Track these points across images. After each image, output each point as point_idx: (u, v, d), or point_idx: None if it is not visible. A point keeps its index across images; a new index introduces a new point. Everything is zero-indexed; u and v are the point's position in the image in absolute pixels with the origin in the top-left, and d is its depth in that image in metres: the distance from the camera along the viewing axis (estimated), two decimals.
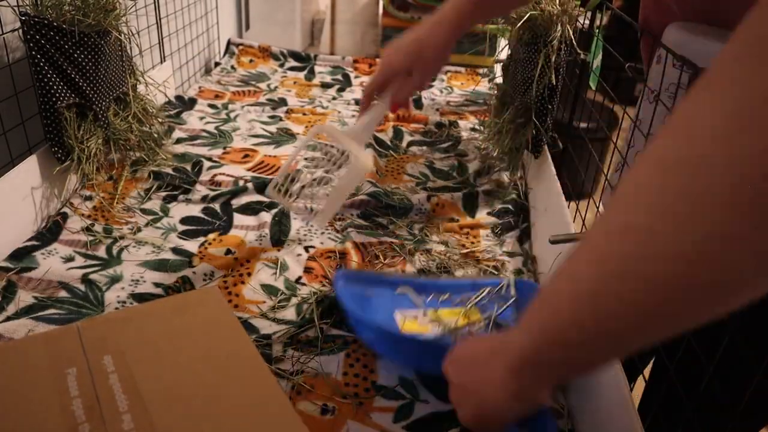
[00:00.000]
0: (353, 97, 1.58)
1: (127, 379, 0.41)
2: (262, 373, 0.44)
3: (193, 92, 1.52)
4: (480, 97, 1.66)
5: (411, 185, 1.13)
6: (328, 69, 1.78)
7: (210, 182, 1.08)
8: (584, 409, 0.65)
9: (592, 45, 1.12)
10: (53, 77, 0.91)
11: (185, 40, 1.54)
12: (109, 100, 1.03)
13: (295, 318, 0.78)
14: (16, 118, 0.94)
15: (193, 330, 0.47)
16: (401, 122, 1.42)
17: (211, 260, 0.88)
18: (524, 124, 1.13)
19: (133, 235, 0.92)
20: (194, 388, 0.42)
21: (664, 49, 0.71)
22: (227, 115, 1.39)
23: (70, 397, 0.39)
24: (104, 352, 0.43)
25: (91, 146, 0.99)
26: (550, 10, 1.01)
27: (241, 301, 0.80)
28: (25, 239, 0.89)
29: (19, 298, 0.77)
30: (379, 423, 0.64)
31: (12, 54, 0.92)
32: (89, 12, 0.94)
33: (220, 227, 0.96)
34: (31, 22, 0.86)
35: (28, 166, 0.90)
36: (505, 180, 1.17)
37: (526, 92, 1.10)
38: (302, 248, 0.92)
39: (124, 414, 0.38)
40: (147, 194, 1.03)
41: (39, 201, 0.93)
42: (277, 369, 0.69)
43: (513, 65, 1.16)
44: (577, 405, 0.66)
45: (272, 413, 0.41)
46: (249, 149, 1.22)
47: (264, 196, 1.04)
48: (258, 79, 1.65)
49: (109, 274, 0.83)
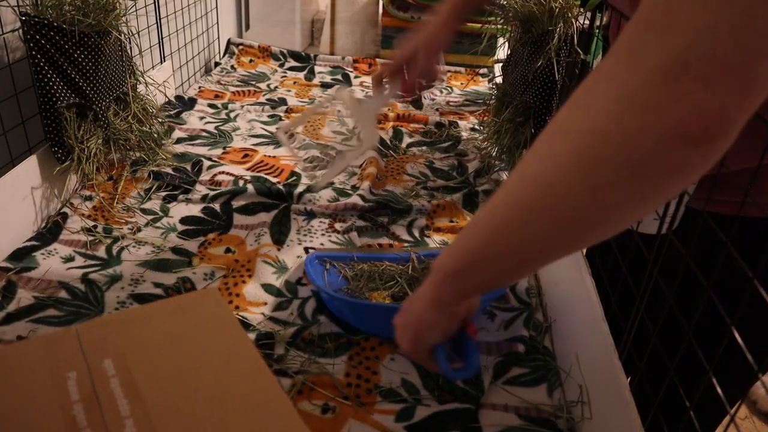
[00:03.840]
0: None
1: (128, 383, 0.41)
2: (262, 374, 0.44)
3: (193, 92, 1.52)
4: (480, 97, 1.66)
5: (411, 185, 1.13)
6: (328, 69, 1.78)
7: (210, 182, 1.08)
8: (584, 408, 0.65)
9: (592, 45, 1.12)
10: (53, 77, 0.91)
11: (185, 40, 1.54)
12: (109, 100, 1.03)
13: (296, 318, 0.78)
14: (16, 118, 0.94)
15: (193, 332, 0.47)
16: (401, 122, 1.42)
17: (211, 260, 0.88)
18: (523, 123, 1.13)
19: (133, 235, 0.92)
20: (195, 390, 0.41)
21: None
22: (227, 115, 1.39)
23: (70, 401, 0.39)
24: (104, 356, 0.43)
25: (91, 146, 0.99)
26: (551, 7, 1.01)
27: (241, 301, 0.80)
28: (25, 239, 0.89)
29: (19, 298, 0.77)
30: (381, 423, 0.64)
31: (12, 54, 0.92)
32: (89, 12, 0.93)
33: (219, 227, 0.96)
34: (32, 22, 0.86)
35: (28, 166, 0.90)
36: (505, 179, 1.17)
37: (525, 91, 1.10)
38: (302, 249, 0.92)
39: (126, 419, 0.38)
40: (147, 194, 1.03)
41: (39, 201, 0.93)
42: (278, 369, 0.69)
43: (512, 64, 1.16)
44: (577, 405, 0.66)
45: (273, 414, 0.41)
46: (249, 149, 1.22)
47: (268, 200, 1.03)
48: (258, 79, 1.65)
49: (109, 274, 0.83)
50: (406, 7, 1.95)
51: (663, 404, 0.62)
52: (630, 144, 0.34)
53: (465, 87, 1.74)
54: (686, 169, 0.34)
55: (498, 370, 0.72)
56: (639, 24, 0.34)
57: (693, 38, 0.31)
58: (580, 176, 0.37)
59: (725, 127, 0.32)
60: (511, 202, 0.42)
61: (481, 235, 0.45)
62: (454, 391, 0.68)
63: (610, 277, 0.81)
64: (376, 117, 0.84)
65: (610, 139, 0.35)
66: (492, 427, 0.65)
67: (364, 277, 0.83)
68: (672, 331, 0.64)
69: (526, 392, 0.70)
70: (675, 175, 0.35)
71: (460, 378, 0.68)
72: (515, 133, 1.15)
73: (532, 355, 0.74)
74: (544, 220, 0.40)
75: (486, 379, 0.70)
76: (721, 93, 0.31)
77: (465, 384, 0.69)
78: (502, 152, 1.19)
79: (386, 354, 0.73)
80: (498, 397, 0.69)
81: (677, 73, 0.31)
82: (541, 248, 0.42)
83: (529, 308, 0.82)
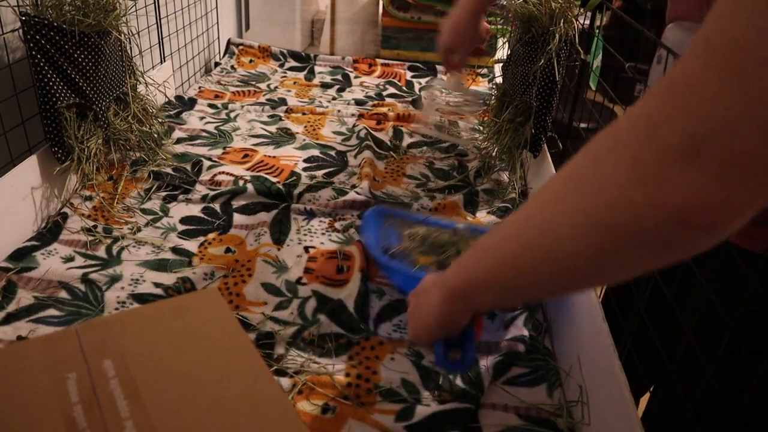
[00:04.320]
0: (353, 97, 1.58)
1: (128, 384, 0.41)
2: (262, 374, 0.44)
3: (193, 92, 1.52)
4: (480, 97, 1.65)
5: (411, 187, 1.13)
6: (328, 69, 1.78)
7: (210, 182, 1.08)
8: (584, 409, 0.65)
9: (592, 45, 1.12)
10: (53, 77, 0.91)
11: (185, 40, 1.54)
12: (109, 100, 1.03)
13: (296, 318, 0.78)
14: (16, 118, 0.94)
15: (193, 332, 0.47)
16: (401, 122, 1.42)
17: (211, 260, 0.88)
18: (523, 123, 1.13)
19: (133, 235, 0.92)
20: (195, 391, 0.41)
21: (664, 49, 0.71)
22: (227, 115, 1.39)
23: (70, 402, 0.39)
24: (104, 357, 0.43)
25: (91, 146, 0.99)
26: (551, 7, 1.01)
27: (241, 301, 0.80)
28: (25, 239, 0.89)
29: (19, 298, 0.77)
30: (381, 423, 0.64)
31: (12, 54, 0.92)
32: (89, 12, 0.93)
33: (219, 227, 0.96)
34: (32, 23, 0.86)
35: (28, 166, 0.90)
36: (505, 179, 1.17)
37: (525, 91, 1.10)
38: (302, 248, 0.92)
39: (126, 420, 0.38)
40: (147, 194, 1.03)
41: (39, 201, 0.93)
42: (278, 369, 0.69)
43: (513, 65, 1.16)
44: (577, 405, 0.66)
45: (273, 414, 0.41)
46: (249, 149, 1.22)
47: (268, 200, 1.03)
48: (258, 79, 1.65)
49: (109, 273, 0.83)
50: (406, 7, 1.94)
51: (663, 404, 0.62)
52: (635, 217, 0.34)
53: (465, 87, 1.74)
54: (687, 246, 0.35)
55: (498, 370, 0.72)
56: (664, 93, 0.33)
57: (712, 128, 0.30)
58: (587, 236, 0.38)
59: (728, 218, 0.32)
60: (518, 242, 0.44)
61: (486, 265, 0.49)
62: (454, 391, 0.68)
63: None
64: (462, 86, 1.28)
65: (617, 208, 0.35)
66: (492, 427, 0.65)
67: (417, 239, 0.86)
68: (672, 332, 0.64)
69: (526, 392, 0.70)
70: (675, 250, 0.36)
71: (453, 372, 0.71)
72: (515, 133, 1.15)
73: (532, 355, 0.74)
74: (546, 266, 0.42)
75: (486, 379, 0.70)
76: (731, 187, 0.31)
77: (465, 384, 0.69)
78: (502, 152, 1.19)
79: (386, 354, 0.73)
80: (498, 397, 0.69)
81: (689, 158, 0.31)
82: (540, 288, 0.46)
83: (529, 308, 0.82)
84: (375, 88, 1.66)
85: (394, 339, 0.76)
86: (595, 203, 0.37)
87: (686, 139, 0.31)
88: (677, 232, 0.34)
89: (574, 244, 0.39)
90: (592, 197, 0.37)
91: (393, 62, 1.82)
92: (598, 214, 0.37)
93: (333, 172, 1.16)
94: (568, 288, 0.46)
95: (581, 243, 0.38)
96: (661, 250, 0.36)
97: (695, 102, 0.31)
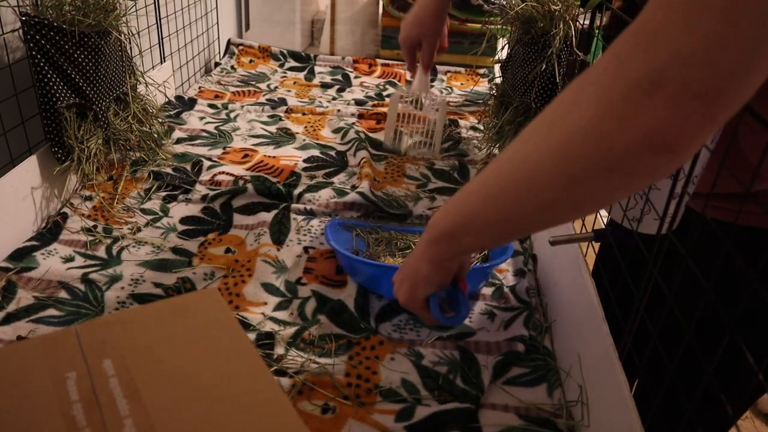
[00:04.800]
0: (353, 97, 1.58)
1: (128, 383, 0.41)
2: (262, 374, 0.44)
3: (193, 92, 1.52)
4: (480, 97, 1.66)
5: (412, 188, 1.13)
6: (328, 69, 1.78)
7: (210, 182, 1.08)
8: (584, 410, 0.65)
9: (592, 45, 1.12)
10: (53, 77, 0.91)
11: (185, 40, 1.54)
12: (109, 100, 1.03)
13: (296, 318, 0.78)
14: (16, 118, 0.94)
15: (193, 332, 0.47)
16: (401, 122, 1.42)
17: (211, 260, 0.88)
18: (523, 124, 1.13)
19: (133, 235, 0.92)
20: (195, 390, 0.41)
21: None
22: (227, 115, 1.39)
23: (70, 401, 0.39)
24: (104, 356, 0.43)
25: (91, 146, 0.99)
26: (551, 9, 1.01)
27: (241, 301, 0.80)
28: (25, 239, 0.89)
29: (19, 298, 0.77)
30: (381, 423, 0.64)
31: (12, 54, 0.92)
32: (89, 12, 0.94)
33: (219, 227, 0.96)
34: (32, 23, 0.86)
35: (28, 166, 0.90)
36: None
37: (525, 92, 1.10)
38: (302, 249, 0.92)
39: (126, 419, 0.38)
40: (147, 194, 1.03)
41: (39, 201, 0.93)
42: (278, 369, 0.69)
43: (512, 65, 1.16)
44: (577, 405, 0.66)
45: (273, 414, 0.41)
46: (249, 149, 1.22)
47: (268, 200, 1.03)
48: (258, 80, 1.65)
49: (109, 274, 0.83)
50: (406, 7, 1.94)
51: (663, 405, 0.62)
52: (605, 145, 0.39)
53: (465, 87, 1.74)
54: (651, 170, 0.39)
55: (498, 369, 0.72)
56: (631, 36, 0.38)
57: (671, 60, 0.35)
58: (561, 167, 0.42)
59: (685, 142, 0.37)
60: (500, 180, 0.48)
61: (472, 203, 0.52)
62: (454, 391, 0.68)
63: (610, 277, 0.81)
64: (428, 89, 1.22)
65: (589, 138, 0.40)
66: (492, 427, 0.65)
67: (383, 243, 0.92)
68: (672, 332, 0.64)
69: (526, 392, 0.70)
70: (642, 174, 0.40)
71: (450, 325, 0.74)
72: (515, 134, 1.15)
73: (532, 355, 0.74)
74: (527, 199, 0.46)
75: (486, 379, 0.70)
76: (687, 113, 0.35)
77: (465, 384, 0.69)
78: None
79: (386, 354, 0.73)
80: (498, 397, 0.69)
81: (652, 88, 0.36)
82: (523, 222, 0.50)
83: (529, 308, 0.82)
84: (375, 88, 1.66)
85: (394, 339, 0.76)
86: (568, 136, 0.41)
87: (648, 73, 0.36)
88: (644, 157, 0.38)
89: (550, 176, 0.43)
90: (566, 132, 0.41)
91: (393, 62, 1.82)
92: (572, 145, 0.41)
93: (333, 172, 1.16)
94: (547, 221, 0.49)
95: (556, 173, 0.42)
96: (628, 176, 0.40)
97: (653, 41, 0.36)
